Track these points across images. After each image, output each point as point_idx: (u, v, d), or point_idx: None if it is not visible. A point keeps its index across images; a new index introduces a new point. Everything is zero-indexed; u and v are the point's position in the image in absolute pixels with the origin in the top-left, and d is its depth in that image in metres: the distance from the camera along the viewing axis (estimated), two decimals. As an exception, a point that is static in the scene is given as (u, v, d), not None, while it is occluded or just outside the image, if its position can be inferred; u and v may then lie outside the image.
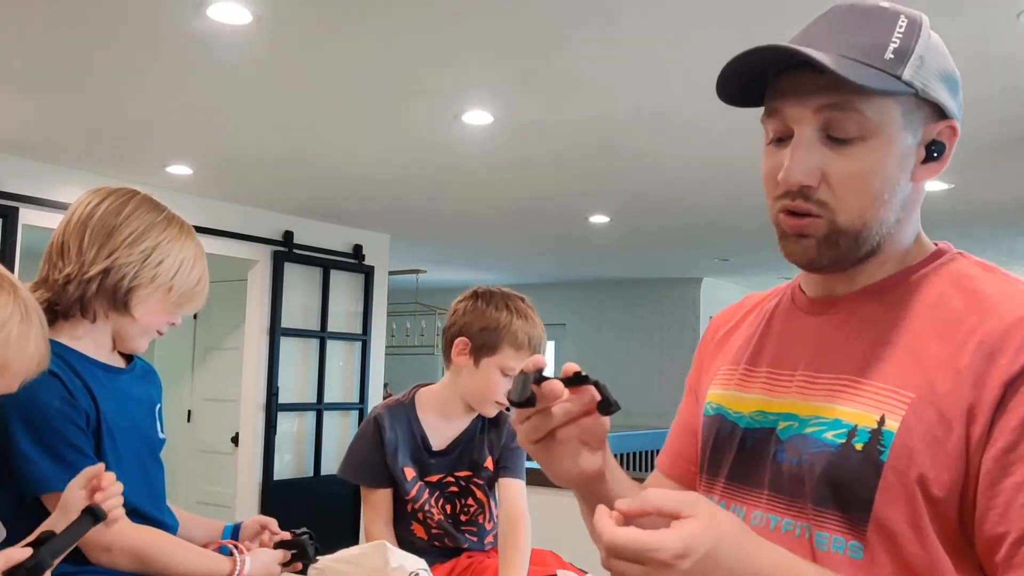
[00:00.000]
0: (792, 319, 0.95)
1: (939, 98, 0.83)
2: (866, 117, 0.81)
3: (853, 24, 0.83)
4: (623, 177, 4.09)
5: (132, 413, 1.34)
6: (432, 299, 8.13)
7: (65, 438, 1.22)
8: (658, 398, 7.20)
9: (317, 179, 4.19)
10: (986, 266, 0.87)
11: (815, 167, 0.82)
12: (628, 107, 2.97)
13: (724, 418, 0.95)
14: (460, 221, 5.28)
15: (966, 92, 0.89)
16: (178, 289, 1.35)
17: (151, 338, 1.39)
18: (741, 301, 1.07)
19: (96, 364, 1.32)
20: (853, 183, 0.82)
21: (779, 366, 0.92)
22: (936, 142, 0.85)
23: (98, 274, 1.28)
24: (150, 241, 1.32)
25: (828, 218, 0.83)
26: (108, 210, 1.33)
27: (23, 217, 3.78)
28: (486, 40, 2.48)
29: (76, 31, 2.45)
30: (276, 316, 4.84)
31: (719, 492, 0.93)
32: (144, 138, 3.56)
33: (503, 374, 1.78)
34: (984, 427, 0.75)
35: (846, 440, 0.80)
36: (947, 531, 0.77)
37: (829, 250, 0.84)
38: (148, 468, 1.36)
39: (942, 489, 0.76)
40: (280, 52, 2.60)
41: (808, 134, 0.82)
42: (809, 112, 0.82)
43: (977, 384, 0.76)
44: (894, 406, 0.79)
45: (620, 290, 8.30)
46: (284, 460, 4.92)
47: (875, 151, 0.82)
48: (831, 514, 0.81)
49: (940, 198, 4.29)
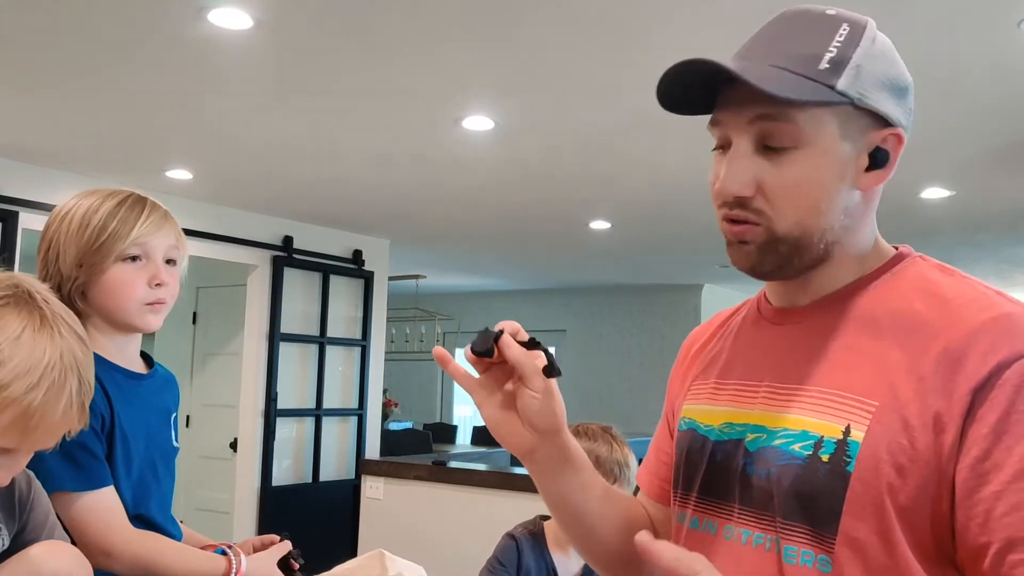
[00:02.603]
0: (758, 330, 0.95)
1: (879, 107, 0.82)
2: (799, 127, 0.81)
3: (794, 32, 0.83)
4: (624, 183, 4.08)
5: (147, 420, 1.33)
6: (432, 304, 8.13)
7: (78, 439, 1.17)
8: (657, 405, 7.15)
9: (317, 184, 4.18)
10: (945, 269, 0.87)
11: (750, 178, 0.83)
12: (629, 113, 2.97)
13: (696, 432, 0.95)
14: (460, 226, 5.27)
15: (967, 100, 0.89)
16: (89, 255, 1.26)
17: (153, 310, 1.31)
18: (712, 319, 1.08)
19: (116, 369, 1.30)
20: (788, 192, 0.82)
21: (746, 377, 0.92)
22: (880, 149, 0.84)
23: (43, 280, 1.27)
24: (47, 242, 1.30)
25: (765, 226, 0.84)
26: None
27: (23, 221, 3.78)
28: (487, 46, 2.48)
29: (77, 35, 2.44)
30: (275, 321, 4.83)
31: (692, 507, 0.93)
32: (144, 142, 3.56)
33: None
34: (955, 436, 0.75)
35: (812, 452, 0.80)
36: (918, 539, 0.76)
37: (769, 256, 0.85)
38: (160, 476, 1.34)
39: (910, 497, 0.76)
40: (281, 57, 2.60)
41: (743, 145, 0.83)
42: (744, 123, 0.83)
43: (944, 392, 0.76)
44: (859, 415, 0.79)
45: (621, 296, 8.30)
46: (283, 466, 4.91)
47: (809, 160, 0.82)
48: (799, 527, 0.80)
49: (941, 205, 4.29)
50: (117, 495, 1.25)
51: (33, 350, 0.93)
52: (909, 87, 0.86)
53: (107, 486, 1.24)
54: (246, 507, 4.78)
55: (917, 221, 4.53)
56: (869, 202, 0.87)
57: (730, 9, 2.16)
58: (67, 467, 1.20)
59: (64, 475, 1.20)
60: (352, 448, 5.23)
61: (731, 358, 0.96)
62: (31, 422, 0.93)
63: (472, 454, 6.80)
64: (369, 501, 4.93)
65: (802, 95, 0.79)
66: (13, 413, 0.91)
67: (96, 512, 1.22)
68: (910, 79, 0.86)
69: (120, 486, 1.26)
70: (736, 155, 0.84)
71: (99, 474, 1.24)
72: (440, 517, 4.46)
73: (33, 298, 0.98)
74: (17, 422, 0.92)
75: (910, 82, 0.86)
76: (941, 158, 3.53)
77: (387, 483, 4.84)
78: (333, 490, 5.05)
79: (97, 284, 1.28)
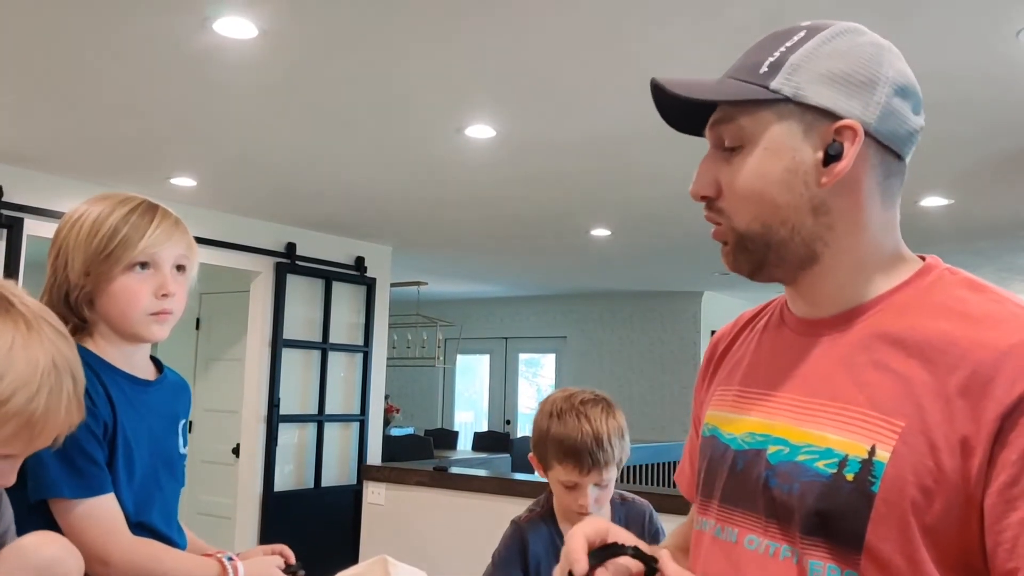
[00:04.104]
0: (782, 338, 0.95)
1: (818, 102, 0.84)
2: (741, 127, 0.87)
3: (758, 46, 0.89)
4: (625, 190, 4.10)
5: (152, 426, 1.32)
6: (433, 311, 8.14)
7: (78, 445, 1.19)
8: (658, 412, 7.19)
9: (320, 191, 4.21)
10: (974, 285, 0.85)
11: (711, 179, 0.90)
12: (630, 120, 2.99)
13: (717, 440, 0.95)
14: (461, 233, 5.29)
15: (966, 108, 0.90)
16: (95, 263, 1.26)
17: (158, 321, 1.30)
18: (736, 319, 1.08)
19: (121, 375, 1.29)
20: (739, 189, 0.88)
21: (769, 387, 0.91)
22: (835, 143, 0.84)
23: (47, 290, 1.28)
24: (55, 249, 1.30)
25: (728, 225, 0.89)
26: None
27: (28, 228, 3.80)
28: (488, 54, 2.50)
29: (83, 44, 2.47)
30: (278, 327, 4.85)
31: (714, 514, 0.93)
32: (149, 150, 3.58)
33: (563, 486, 1.67)
34: (983, 461, 0.74)
35: (837, 470, 0.80)
36: (944, 558, 0.76)
37: (742, 255, 0.90)
38: (163, 483, 1.34)
39: (936, 518, 0.76)
40: (285, 66, 2.62)
41: (710, 148, 0.91)
42: (708, 130, 0.91)
43: (971, 416, 0.75)
44: (885, 435, 0.78)
45: (621, 303, 8.31)
46: (285, 471, 4.92)
47: (756, 157, 0.86)
48: (822, 543, 0.80)
49: (940, 213, 4.30)
50: (117, 502, 1.24)
51: (27, 360, 0.92)
52: (878, 80, 0.85)
53: (106, 493, 1.23)
54: (248, 512, 4.79)
55: (916, 230, 4.55)
56: (852, 203, 0.86)
57: (730, 17, 2.18)
58: (66, 473, 1.19)
59: (63, 482, 1.19)
60: (354, 454, 5.25)
61: (754, 364, 0.96)
62: (35, 430, 0.93)
63: (473, 460, 6.81)
64: (371, 506, 4.94)
65: (723, 95, 0.87)
66: (17, 424, 0.92)
67: (94, 519, 1.21)
68: (887, 73, 0.85)
69: (121, 493, 1.25)
70: (704, 159, 0.91)
71: (99, 481, 1.23)
72: (442, 522, 4.47)
73: (11, 303, 0.96)
74: (21, 432, 0.93)
75: (885, 77, 0.85)
76: (940, 167, 3.54)
77: (389, 488, 4.86)
78: (335, 495, 5.06)
79: (104, 293, 1.27)
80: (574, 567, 0.83)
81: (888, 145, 0.86)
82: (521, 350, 9.29)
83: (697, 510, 0.98)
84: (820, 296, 0.90)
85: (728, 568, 0.88)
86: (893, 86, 0.86)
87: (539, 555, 1.73)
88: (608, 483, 1.68)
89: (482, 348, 9.38)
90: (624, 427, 1.70)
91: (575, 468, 1.63)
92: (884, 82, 0.85)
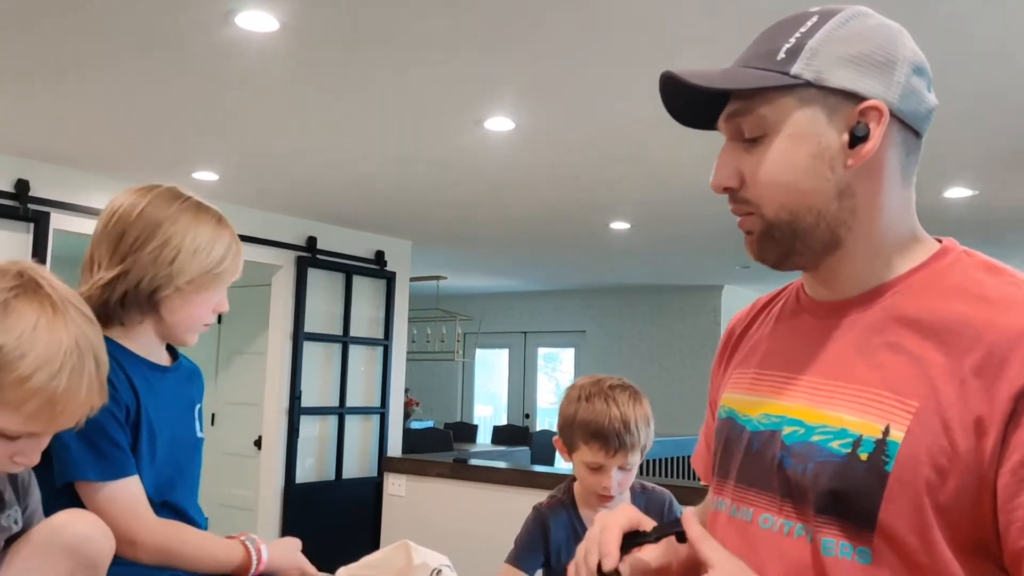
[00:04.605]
0: (798, 321, 0.96)
1: (842, 84, 0.84)
2: (762, 116, 0.86)
3: (769, 33, 0.90)
4: (644, 184, 4.10)
5: (172, 411, 1.36)
6: (452, 305, 8.17)
7: (102, 429, 1.23)
8: (678, 406, 7.18)
9: (340, 185, 4.24)
10: (991, 267, 0.86)
11: (733, 170, 0.89)
12: (649, 113, 2.99)
13: (734, 421, 0.96)
14: (480, 227, 5.31)
15: (989, 100, 0.90)
16: (201, 276, 1.32)
17: (199, 331, 1.38)
18: (752, 304, 1.09)
19: (142, 362, 1.33)
20: (764, 178, 0.87)
21: (786, 369, 0.92)
22: (860, 124, 0.85)
23: (112, 280, 1.28)
24: (159, 238, 1.29)
25: (756, 214, 0.89)
26: (121, 214, 1.32)
27: (54, 222, 3.86)
28: (508, 47, 2.51)
29: (106, 39, 2.50)
30: (299, 321, 4.89)
31: (729, 494, 0.94)
32: (171, 145, 3.62)
33: (587, 468, 1.71)
34: (996, 441, 0.75)
35: (851, 450, 0.81)
36: (957, 537, 0.77)
37: (768, 243, 0.89)
38: (183, 466, 1.37)
39: (949, 498, 0.76)
40: (306, 59, 2.64)
41: (727, 140, 0.91)
42: (723, 122, 0.91)
43: (986, 396, 0.76)
44: (899, 415, 0.79)
45: (641, 297, 8.30)
46: (306, 464, 4.96)
47: (780, 145, 0.86)
48: (834, 521, 0.81)
49: (964, 204, 4.26)
50: (140, 485, 1.27)
51: (50, 339, 0.95)
52: (896, 60, 0.85)
53: (131, 476, 1.26)
54: (270, 504, 4.84)
55: (940, 221, 4.51)
56: (877, 185, 0.87)
57: (748, 10, 2.18)
58: (91, 457, 1.22)
59: (87, 465, 1.22)
60: (375, 446, 5.28)
61: (771, 348, 0.97)
62: (56, 408, 0.96)
63: (493, 452, 6.83)
64: (392, 498, 4.98)
65: (745, 83, 0.86)
66: (39, 401, 0.94)
67: (119, 501, 1.24)
68: (904, 53, 0.86)
69: (143, 475, 1.28)
70: (722, 152, 0.91)
71: (122, 464, 1.26)
72: (462, 514, 4.49)
73: (40, 285, 0.99)
74: (43, 409, 0.95)
75: (903, 56, 0.86)
76: (964, 158, 3.51)
77: (409, 480, 4.89)
78: (356, 487, 5.10)
79: (179, 299, 1.31)
80: (604, 560, 0.84)
81: (909, 124, 0.87)
82: (540, 344, 9.30)
83: (713, 490, 0.99)
84: (838, 280, 0.90)
85: (743, 546, 0.89)
86: (911, 65, 0.86)
87: (560, 540, 1.75)
88: (632, 468, 1.71)
89: (501, 342, 9.40)
90: (650, 415, 1.74)
91: (601, 449, 1.67)
92: (902, 62, 0.86)
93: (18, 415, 0.94)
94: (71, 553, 1.00)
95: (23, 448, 0.98)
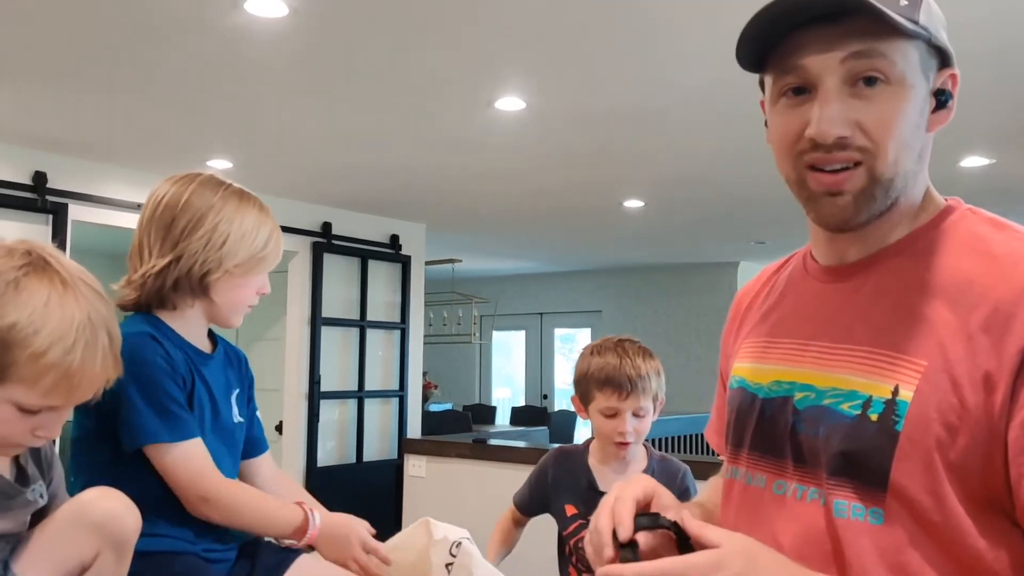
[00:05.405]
0: (807, 287, 0.95)
1: (946, 45, 0.83)
2: (891, 62, 0.81)
3: None
4: (657, 161, 4.08)
5: (211, 396, 1.40)
6: (468, 288, 8.19)
7: (168, 393, 1.29)
8: (694, 384, 7.17)
9: (354, 170, 4.25)
10: (996, 223, 0.86)
11: (849, 117, 0.81)
12: (661, 90, 2.97)
13: (745, 390, 0.96)
14: (494, 209, 5.31)
15: (1008, 67, 0.90)
16: (249, 260, 1.39)
17: (244, 312, 1.44)
18: (759, 274, 1.09)
19: (187, 345, 1.38)
20: (885, 128, 0.81)
21: (796, 336, 0.92)
22: (942, 90, 0.84)
23: (165, 267, 1.34)
24: (208, 224, 1.36)
25: (868, 165, 0.82)
26: (168, 203, 1.38)
27: (72, 213, 3.90)
28: (519, 25, 2.50)
29: (117, 29, 2.52)
30: (316, 306, 4.92)
31: (744, 463, 0.95)
32: (186, 133, 3.65)
33: (603, 416, 1.78)
34: (1006, 395, 0.75)
35: (861, 411, 0.81)
36: (969, 494, 0.77)
37: (866, 203, 0.84)
38: (222, 449, 1.41)
39: (960, 454, 0.76)
40: (316, 44, 2.65)
41: (835, 85, 0.82)
42: (834, 63, 0.81)
43: (994, 352, 0.76)
44: (907, 375, 0.79)
45: (655, 276, 8.28)
46: (327, 447, 5.01)
47: (900, 95, 0.82)
48: (846, 483, 0.82)
49: (981, 173, 4.22)
50: (204, 446, 1.32)
51: (63, 314, 0.97)
52: (945, 27, 0.86)
53: (197, 436, 1.32)
54: (292, 488, 4.89)
55: (957, 190, 4.44)
56: (929, 148, 0.87)
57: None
58: (161, 421, 1.27)
59: (159, 429, 1.27)
60: (394, 429, 5.32)
61: (780, 316, 0.97)
62: (73, 381, 0.98)
63: (512, 432, 6.87)
64: (412, 479, 5.02)
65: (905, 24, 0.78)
66: (56, 376, 0.97)
67: (190, 460, 1.29)
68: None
69: None
70: (830, 96, 0.81)
71: (191, 426, 1.31)
72: (481, 493, 4.53)
73: (48, 263, 1.01)
74: (60, 383, 0.97)
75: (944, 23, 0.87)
76: (981, 126, 3.47)
77: (429, 461, 4.93)
78: (377, 469, 5.15)
79: (228, 281, 1.38)
80: (619, 529, 0.85)
81: None
82: (556, 325, 9.31)
83: (727, 460, 1.00)
84: (864, 241, 0.89)
85: (758, 513, 0.90)
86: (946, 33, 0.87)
87: (560, 480, 1.86)
88: (646, 414, 1.78)
89: (517, 324, 9.42)
90: (661, 370, 1.81)
91: (614, 393, 1.74)
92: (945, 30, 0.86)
93: (36, 390, 0.97)
94: (98, 529, 1.03)
95: (43, 422, 1.00)
